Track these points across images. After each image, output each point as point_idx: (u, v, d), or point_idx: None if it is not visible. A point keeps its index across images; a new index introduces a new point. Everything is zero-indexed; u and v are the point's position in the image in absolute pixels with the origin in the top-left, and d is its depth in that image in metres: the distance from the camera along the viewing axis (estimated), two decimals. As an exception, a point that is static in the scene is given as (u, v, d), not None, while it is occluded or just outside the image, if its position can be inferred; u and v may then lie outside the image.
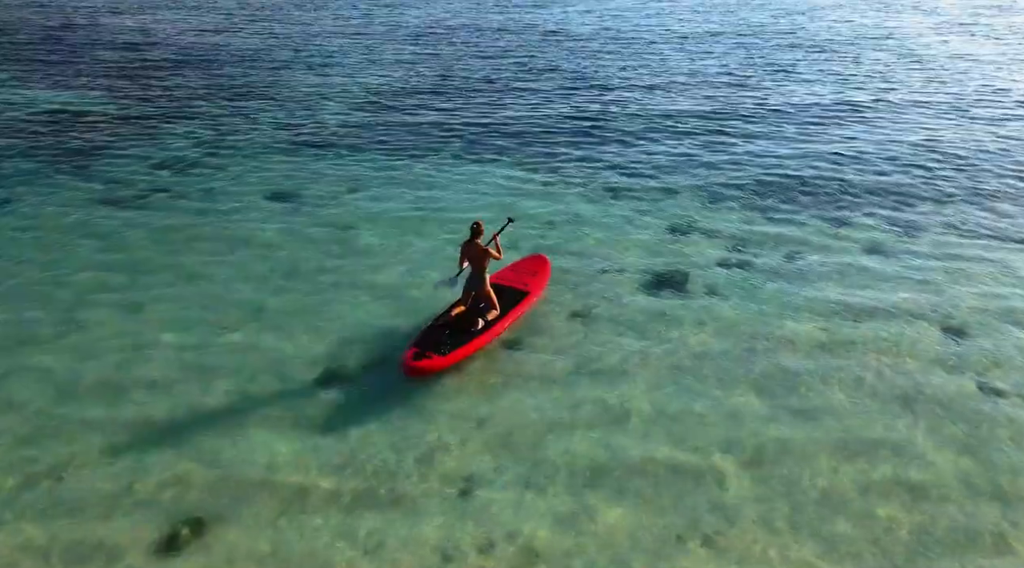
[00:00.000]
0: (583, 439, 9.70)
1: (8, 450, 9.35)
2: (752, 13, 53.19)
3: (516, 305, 12.06)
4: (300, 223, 16.10)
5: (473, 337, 11.19)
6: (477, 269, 11.44)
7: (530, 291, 12.51)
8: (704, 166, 19.93)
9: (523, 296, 12.34)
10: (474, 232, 11.30)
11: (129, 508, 8.55)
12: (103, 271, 13.90)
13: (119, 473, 9.03)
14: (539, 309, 12.59)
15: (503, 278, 12.81)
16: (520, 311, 12.08)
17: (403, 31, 45.20)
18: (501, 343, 11.64)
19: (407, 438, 9.65)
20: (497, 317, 11.67)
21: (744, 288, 13.45)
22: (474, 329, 11.32)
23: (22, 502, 8.61)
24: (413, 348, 10.88)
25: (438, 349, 10.82)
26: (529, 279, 12.87)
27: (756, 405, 10.35)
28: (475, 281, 11.52)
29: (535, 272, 13.13)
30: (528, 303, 12.30)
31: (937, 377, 10.94)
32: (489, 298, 11.62)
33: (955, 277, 13.87)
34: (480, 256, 11.35)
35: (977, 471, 9.20)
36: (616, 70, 33.18)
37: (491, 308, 11.66)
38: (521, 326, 12.11)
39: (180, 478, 8.95)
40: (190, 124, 23.64)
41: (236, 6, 57.96)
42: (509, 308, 11.95)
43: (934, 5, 56.81)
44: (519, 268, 13.34)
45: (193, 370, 10.96)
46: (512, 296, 12.26)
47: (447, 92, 28.89)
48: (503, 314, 11.77)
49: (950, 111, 25.60)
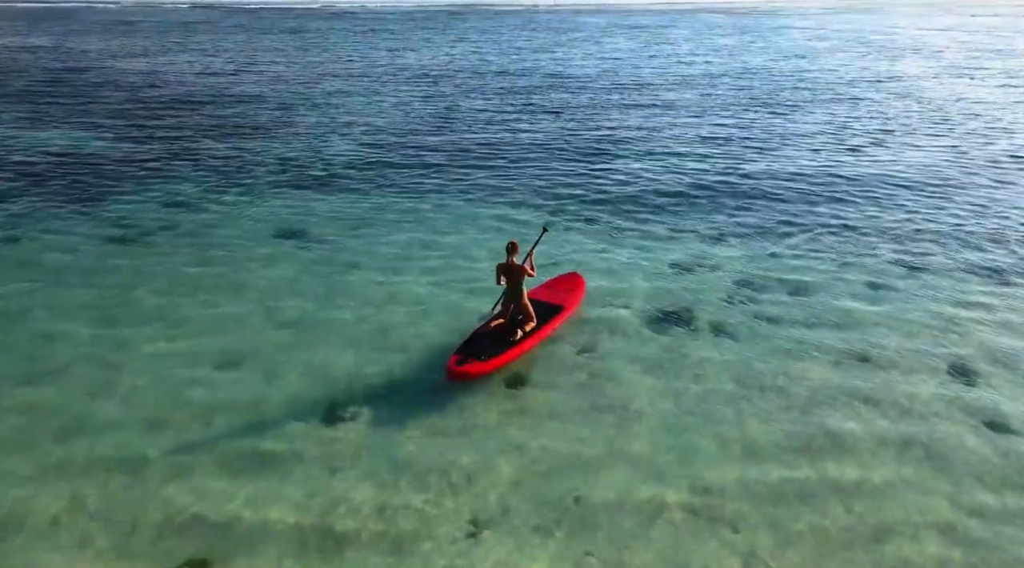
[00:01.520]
0: (590, 479, 9.43)
1: (7, 489, 9.15)
2: (752, 56, 53.88)
3: (552, 318, 12.68)
4: (305, 259, 15.98)
5: (512, 346, 11.76)
6: (514, 284, 11.99)
7: (566, 306, 13.12)
8: (707, 204, 19.88)
9: (559, 310, 12.95)
10: (509, 250, 11.87)
11: (133, 548, 8.31)
12: (110, 307, 13.71)
13: (123, 511, 8.81)
14: (544, 346, 12.41)
15: (540, 294, 13.43)
16: (556, 323, 12.72)
17: (406, 73, 45.73)
18: (506, 380, 11.44)
19: (411, 479, 9.39)
20: (534, 328, 12.21)
21: (750, 325, 13.27)
22: (513, 339, 11.87)
23: (21, 541, 8.40)
24: (456, 355, 11.42)
25: (479, 356, 11.43)
26: (565, 295, 13.55)
27: (767, 446, 10.08)
28: (513, 295, 12.06)
29: (571, 289, 13.83)
30: (564, 316, 12.92)
31: (944, 420, 10.72)
32: (527, 310, 12.17)
33: (962, 316, 13.66)
34: (517, 272, 11.89)
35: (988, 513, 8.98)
36: (617, 111, 33.44)
37: (528, 320, 12.20)
38: (527, 362, 11.93)
39: (180, 519, 8.73)
40: (196, 164, 23.72)
41: (241, 49, 58.83)
42: (546, 321, 12.53)
43: (934, 49, 57.54)
44: (555, 285, 14.02)
45: (199, 407, 10.72)
46: (549, 310, 12.87)
47: (449, 132, 29.07)
48: (539, 326, 12.33)
49: (951, 152, 25.69)
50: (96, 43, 62.84)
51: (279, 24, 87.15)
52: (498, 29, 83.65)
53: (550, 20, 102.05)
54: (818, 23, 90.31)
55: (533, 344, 12.16)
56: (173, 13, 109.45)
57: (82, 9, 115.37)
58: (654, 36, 74.18)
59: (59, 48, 58.67)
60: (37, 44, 61.68)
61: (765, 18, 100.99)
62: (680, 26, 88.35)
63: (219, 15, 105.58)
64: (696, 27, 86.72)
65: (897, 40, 65.96)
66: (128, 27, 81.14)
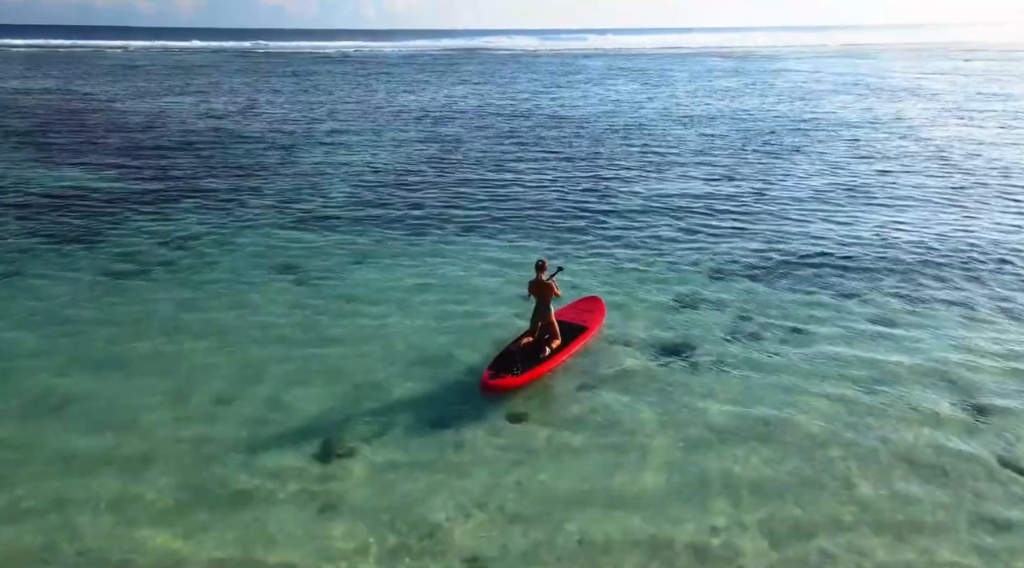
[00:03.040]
0: (592, 517, 9.12)
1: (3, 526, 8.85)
2: (753, 99, 54.31)
3: (577, 338, 13.29)
4: (303, 294, 15.85)
5: (541, 362, 12.37)
6: (542, 302, 12.54)
7: (588, 327, 13.73)
8: (709, 241, 19.78)
9: (582, 330, 13.57)
10: (539, 268, 12.37)
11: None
12: (104, 341, 13.56)
13: (110, 551, 8.49)
14: (544, 380, 12.22)
15: (564, 315, 13.95)
16: (581, 342, 13.29)
17: (406, 114, 46.05)
18: (506, 415, 11.19)
19: (408, 516, 9.09)
20: (560, 346, 12.79)
21: (753, 361, 13.02)
22: (542, 355, 12.46)
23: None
24: (489, 370, 11.94)
25: (511, 370, 11.99)
26: (587, 316, 14.21)
27: (771, 481, 9.80)
28: (541, 312, 12.60)
29: (591, 311, 14.48)
30: (587, 336, 13.53)
31: (955, 453, 10.42)
32: (553, 328, 12.72)
33: (963, 353, 13.40)
34: (544, 290, 12.39)
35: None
36: (618, 151, 33.54)
37: (555, 338, 12.76)
38: (530, 395, 11.74)
39: (167, 563, 8.41)
40: (196, 202, 23.70)
41: (242, 91, 59.43)
42: (571, 340, 13.15)
43: (932, 92, 58.04)
44: (577, 307, 14.67)
45: (189, 444, 10.47)
46: (573, 330, 13.48)
47: (449, 171, 29.14)
48: (565, 344, 12.93)
49: (950, 192, 25.65)
50: (101, 85, 63.49)
51: (280, 68, 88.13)
52: (498, 72, 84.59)
53: (550, 63, 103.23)
54: (815, 66, 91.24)
55: (561, 360, 12.70)
56: (178, 57, 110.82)
57: (89, 53, 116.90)
58: (654, 78, 74.91)
59: (64, 90, 59.24)
60: (44, 86, 62.32)
61: (765, 62, 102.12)
62: (680, 68, 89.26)
63: (222, 59, 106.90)
64: (696, 70, 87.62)
65: (894, 83, 66.59)
66: (133, 71, 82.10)
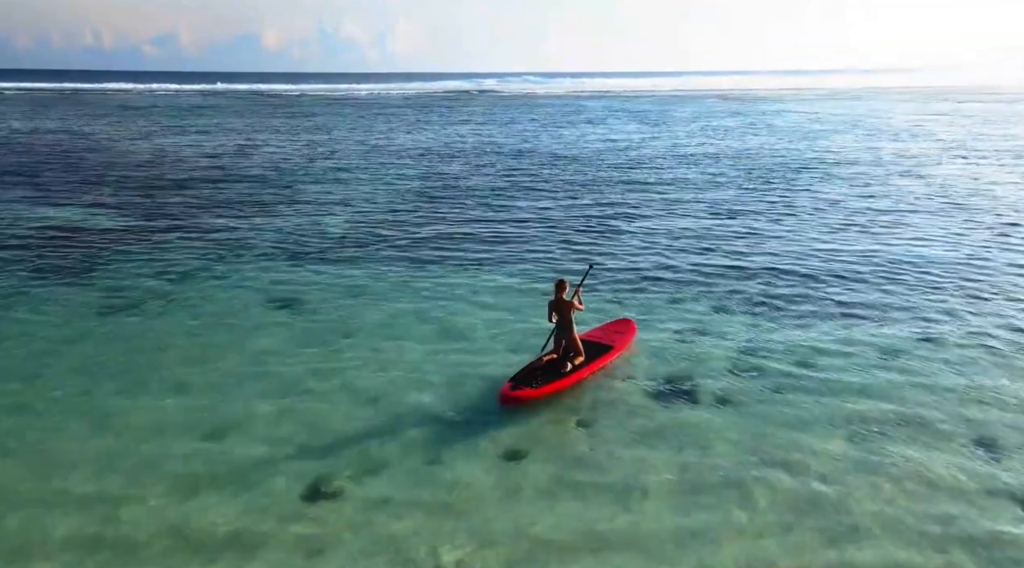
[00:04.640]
0: (593, 562, 8.60)
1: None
2: (752, 139, 54.48)
3: (604, 354, 13.39)
4: (298, 328, 15.50)
5: (562, 377, 12.51)
6: (564, 321, 12.83)
7: (615, 346, 13.76)
8: (711, 276, 19.40)
9: (608, 349, 13.58)
10: (558, 288, 12.74)
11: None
12: (96, 376, 13.16)
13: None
14: (544, 416, 11.73)
15: (593, 335, 14.09)
16: (606, 360, 13.37)
17: (406, 153, 46.11)
18: (503, 453, 10.70)
19: (398, 561, 8.58)
20: (583, 362, 12.93)
21: (757, 397, 12.52)
22: (564, 370, 12.62)
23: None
24: (510, 382, 12.15)
25: (531, 384, 12.16)
26: (615, 336, 14.22)
27: (777, 527, 9.24)
28: (563, 331, 12.86)
29: (621, 332, 14.48)
30: (613, 355, 13.57)
31: (971, 496, 9.87)
32: (576, 346, 12.93)
33: (980, 388, 12.95)
34: (566, 309, 12.70)
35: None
36: (617, 188, 33.44)
37: (578, 354, 12.94)
38: (524, 433, 11.24)
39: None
40: (194, 237, 23.50)
41: (241, 131, 59.76)
42: (597, 357, 13.26)
43: (932, 131, 58.25)
44: (607, 329, 14.73)
45: (179, 480, 9.97)
46: (600, 349, 13.56)
47: (449, 205, 29.00)
48: (589, 361, 13.06)
49: (957, 227, 25.38)
50: (103, 125, 63.90)
51: (281, 110, 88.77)
52: (500, 113, 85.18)
53: (551, 103, 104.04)
54: (813, 107, 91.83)
55: (584, 376, 12.83)
56: (182, 98, 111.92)
57: (93, 95, 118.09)
58: (655, 118, 75.34)
59: (67, 130, 59.58)
60: (47, 127, 62.69)
61: (764, 103, 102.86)
62: (681, 109, 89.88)
63: (225, 101, 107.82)
64: (697, 110, 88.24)
65: (894, 123, 66.86)
66: (135, 111, 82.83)
